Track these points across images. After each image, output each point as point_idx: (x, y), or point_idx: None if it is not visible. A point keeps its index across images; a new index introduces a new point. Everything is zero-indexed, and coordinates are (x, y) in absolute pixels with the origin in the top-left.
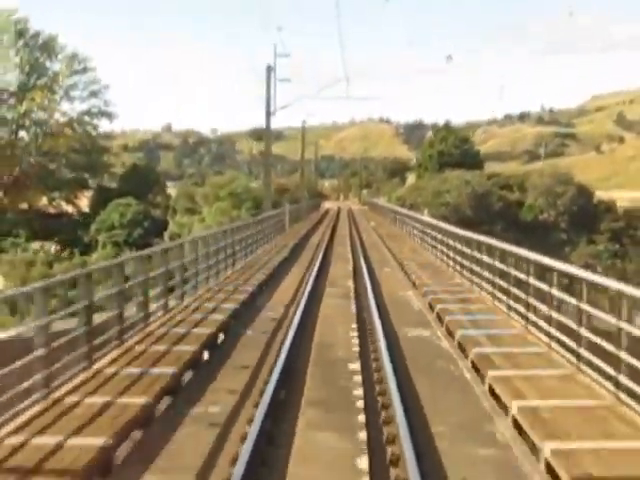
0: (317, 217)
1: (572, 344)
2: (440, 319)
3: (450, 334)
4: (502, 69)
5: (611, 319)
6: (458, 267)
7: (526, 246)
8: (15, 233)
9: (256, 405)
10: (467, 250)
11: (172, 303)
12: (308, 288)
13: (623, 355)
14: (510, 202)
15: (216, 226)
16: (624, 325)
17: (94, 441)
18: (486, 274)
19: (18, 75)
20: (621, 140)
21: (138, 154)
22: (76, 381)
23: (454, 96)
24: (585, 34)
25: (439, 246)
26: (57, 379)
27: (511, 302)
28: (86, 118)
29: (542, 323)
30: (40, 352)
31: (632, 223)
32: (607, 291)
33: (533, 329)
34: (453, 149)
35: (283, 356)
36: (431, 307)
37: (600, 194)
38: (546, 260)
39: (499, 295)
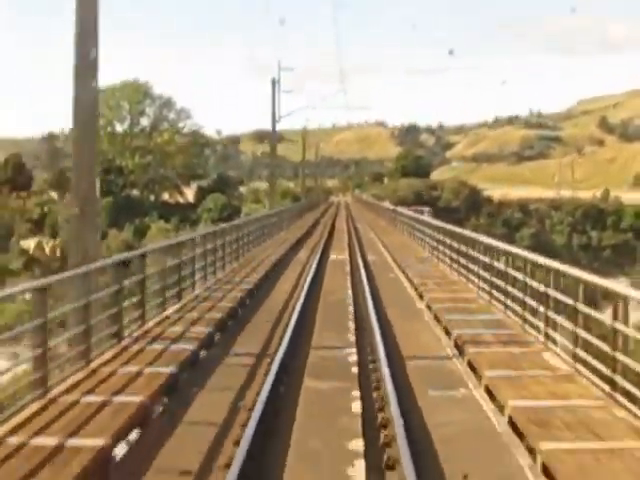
0: (329, 203)
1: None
2: (378, 230)
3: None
4: (498, 72)
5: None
6: (385, 220)
7: (440, 220)
8: (150, 215)
9: (322, 235)
10: (392, 213)
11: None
12: (335, 212)
13: (511, 289)
14: (434, 196)
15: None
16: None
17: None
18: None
19: (149, 121)
20: (601, 143)
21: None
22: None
23: (447, 100)
24: (583, 34)
25: (379, 214)
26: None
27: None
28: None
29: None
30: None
31: (500, 208)
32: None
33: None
34: (411, 164)
35: (331, 219)
36: (376, 228)
37: (488, 192)
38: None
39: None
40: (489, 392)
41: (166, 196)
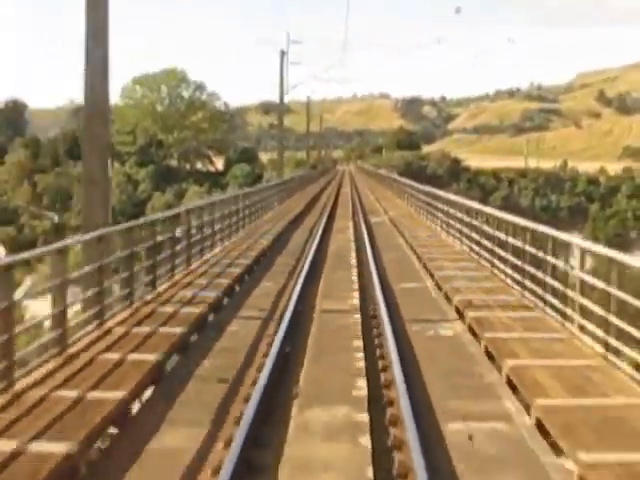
0: (337, 170)
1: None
2: (370, 186)
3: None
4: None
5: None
6: (375, 180)
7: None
8: (186, 181)
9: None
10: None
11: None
12: (342, 175)
13: (489, 244)
14: (422, 166)
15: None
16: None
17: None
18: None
19: (185, 102)
20: (597, 116)
21: None
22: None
23: (449, 72)
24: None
25: (372, 176)
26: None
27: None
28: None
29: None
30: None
31: (476, 176)
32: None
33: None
34: (405, 138)
35: (340, 179)
36: (369, 185)
37: (469, 162)
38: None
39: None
40: (372, 192)
41: (199, 165)
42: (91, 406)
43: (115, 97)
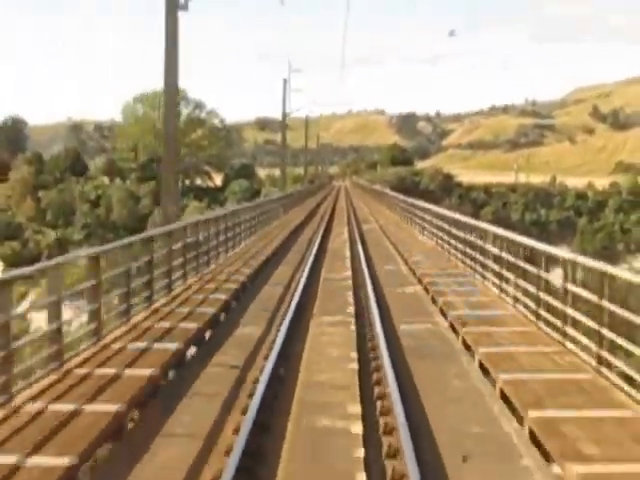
0: (333, 185)
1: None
2: (364, 200)
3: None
4: (496, 59)
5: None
6: (369, 194)
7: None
8: (186, 196)
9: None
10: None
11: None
12: (338, 187)
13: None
14: (415, 181)
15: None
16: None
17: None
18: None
19: (182, 120)
20: (591, 132)
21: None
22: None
23: (445, 88)
24: (583, 24)
25: (366, 191)
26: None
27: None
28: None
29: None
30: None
31: (468, 191)
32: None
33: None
34: (398, 154)
35: (336, 192)
36: (363, 199)
37: (461, 178)
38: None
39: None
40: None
41: (199, 181)
42: (177, 329)
43: (116, 115)
